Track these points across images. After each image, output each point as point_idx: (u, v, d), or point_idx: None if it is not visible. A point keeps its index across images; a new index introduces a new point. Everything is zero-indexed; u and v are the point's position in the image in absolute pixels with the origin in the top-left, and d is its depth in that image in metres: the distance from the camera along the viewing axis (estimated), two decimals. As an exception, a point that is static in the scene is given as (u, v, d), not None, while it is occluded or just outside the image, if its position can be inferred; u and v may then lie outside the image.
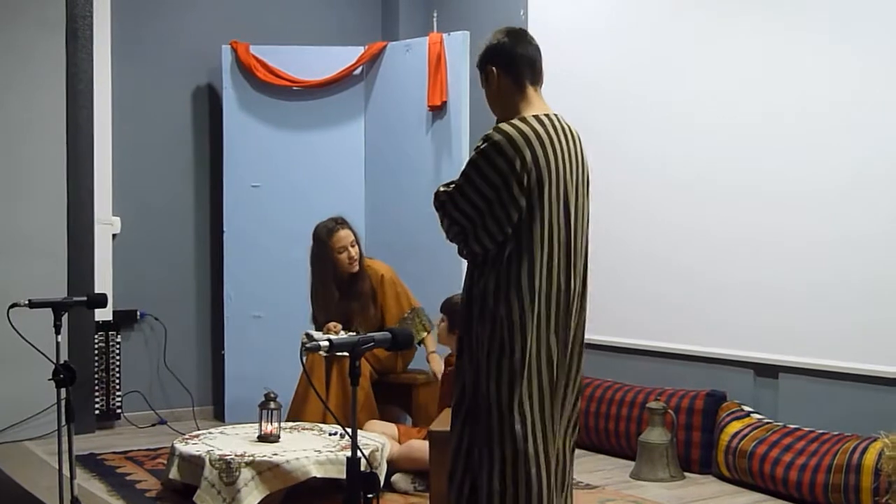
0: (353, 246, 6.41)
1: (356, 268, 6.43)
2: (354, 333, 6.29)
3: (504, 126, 3.56)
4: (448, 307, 5.65)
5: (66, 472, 4.18)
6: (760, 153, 5.94)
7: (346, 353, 3.08)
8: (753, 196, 5.97)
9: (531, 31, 6.90)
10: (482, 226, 3.53)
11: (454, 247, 3.49)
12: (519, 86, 3.69)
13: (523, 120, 3.59)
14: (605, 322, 6.81)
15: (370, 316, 6.49)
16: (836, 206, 5.58)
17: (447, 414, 4.95)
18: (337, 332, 6.26)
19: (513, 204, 3.49)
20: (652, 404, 6.03)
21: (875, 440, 5.04)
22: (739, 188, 6.05)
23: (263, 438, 5.42)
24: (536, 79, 3.73)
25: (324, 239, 6.39)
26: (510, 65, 3.68)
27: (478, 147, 3.56)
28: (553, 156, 3.56)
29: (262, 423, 5.45)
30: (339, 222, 6.45)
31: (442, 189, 3.66)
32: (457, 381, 3.72)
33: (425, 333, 6.50)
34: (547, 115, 3.65)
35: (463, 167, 3.62)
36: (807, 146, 5.72)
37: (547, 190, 3.54)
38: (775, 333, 5.87)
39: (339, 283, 6.47)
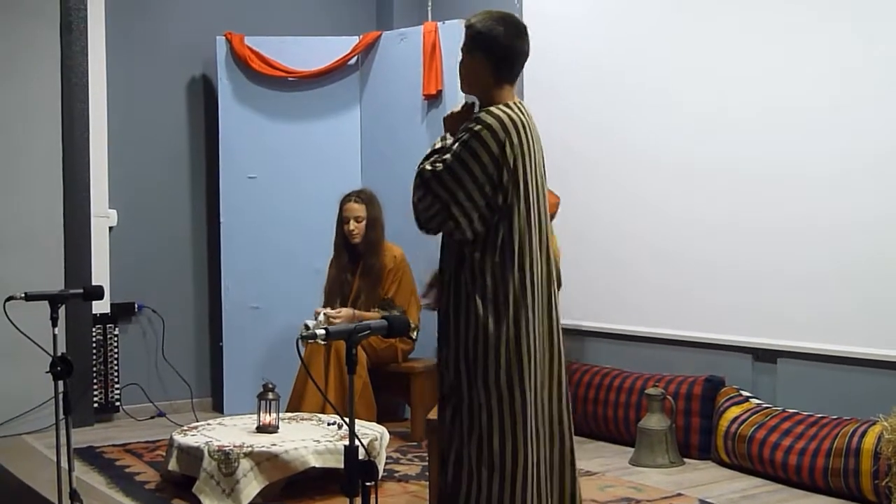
0: (357, 221, 6.67)
1: (355, 240, 6.68)
2: (352, 308, 6.60)
3: (495, 110, 3.64)
4: None
5: (64, 464, 4.17)
6: (759, 140, 5.92)
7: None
8: (752, 182, 5.95)
9: (526, 16, 6.97)
10: (471, 204, 3.58)
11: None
12: (497, 82, 3.74)
13: (507, 106, 3.68)
14: (602, 308, 6.82)
15: (377, 295, 6.65)
16: (835, 190, 5.56)
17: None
18: (325, 315, 6.33)
19: (500, 185, 3.58)
20: (650, 390, 6.03)
21: (874, 423, 5.04)
22: (737, 174, 6.03)
23: (262, 429, 5.41)
24: (516, 77, 3.79)
25: (340, 204, 6.74)
26: (500, 60, 3.73)
27: (470, 128, 3.61)
28: (529, 142, 3.68)
29: (261, 414, 5.45)
30: (359, 195, 6.79)
31: (428, 168, 3.69)
32: (441, 368, 3.77)
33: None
34: (520, 104, 3.75)
35: (454, 147, 3.65)
36: (804, 131, 5.70)
37: (528, 174, 3.64)
38: (773, 318, 5.86)
39: (349, 252, 6.77)
